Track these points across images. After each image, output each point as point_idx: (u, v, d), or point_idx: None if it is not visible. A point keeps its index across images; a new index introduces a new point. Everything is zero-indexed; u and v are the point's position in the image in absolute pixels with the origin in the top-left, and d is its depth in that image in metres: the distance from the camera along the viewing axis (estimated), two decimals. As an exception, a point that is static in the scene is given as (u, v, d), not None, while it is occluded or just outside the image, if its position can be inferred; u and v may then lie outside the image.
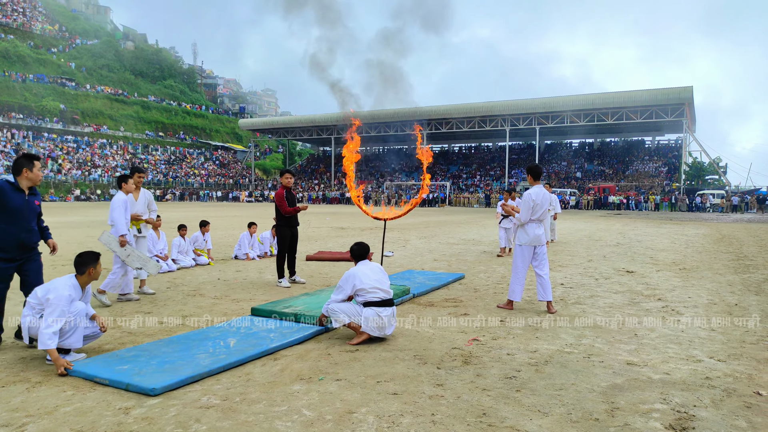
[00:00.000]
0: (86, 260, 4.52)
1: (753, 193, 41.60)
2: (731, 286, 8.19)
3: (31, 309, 4.32)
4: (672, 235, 17.61)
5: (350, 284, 4.93)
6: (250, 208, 39.26)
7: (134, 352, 4.43)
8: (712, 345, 5.01)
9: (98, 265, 4.58)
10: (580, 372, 4.24)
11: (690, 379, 4.09)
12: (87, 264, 4.50)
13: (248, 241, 10.87)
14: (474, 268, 9.89)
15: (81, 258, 4.53)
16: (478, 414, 3.44)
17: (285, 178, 8.04)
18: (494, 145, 66.20)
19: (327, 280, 8.52)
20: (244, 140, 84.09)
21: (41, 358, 4.41)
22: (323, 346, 4.91)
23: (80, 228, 18.47)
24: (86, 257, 4.53)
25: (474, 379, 4.07)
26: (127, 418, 3.31)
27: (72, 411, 3.40)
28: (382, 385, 3.91)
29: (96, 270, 4.56)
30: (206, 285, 7.99)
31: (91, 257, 4.54)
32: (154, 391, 3.63)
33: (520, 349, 4.84)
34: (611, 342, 5.09)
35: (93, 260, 4.54)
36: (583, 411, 3.49)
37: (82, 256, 4.54)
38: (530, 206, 6.40)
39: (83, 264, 4.50)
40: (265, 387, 3.86)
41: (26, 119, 59.62)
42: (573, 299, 7.09)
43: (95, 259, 4.55)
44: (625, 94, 47.20)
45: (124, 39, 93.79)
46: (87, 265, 4.50)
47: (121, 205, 6.53)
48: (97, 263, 4.57)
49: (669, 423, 3.31)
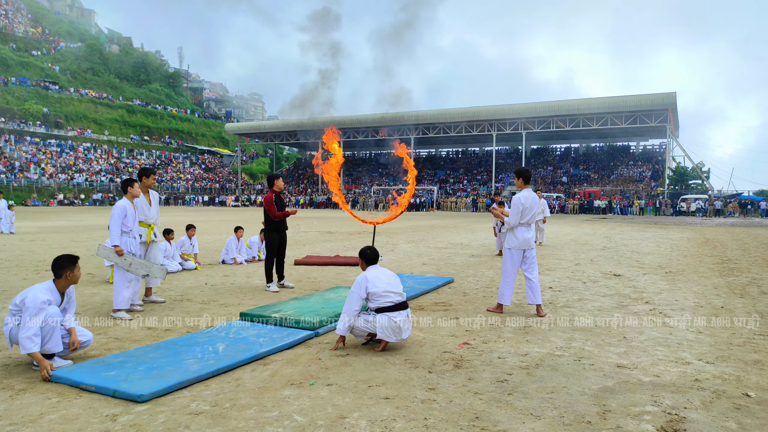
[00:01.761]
0: (63, 263, 4.42)
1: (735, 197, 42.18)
2: (717, 289, 8.27)
3: (12, 316, 4.24)
4: (657, 239, 17.78)
5: (362, 288, 4.86)
6: (236, 213, 39.00)
7: (121, 358, 4.35)
8: (700, 347, 5.05)
9: (76, 269, 4.48)
10: (571, 375, 4.24)
11: (680, 381, 4.11)
12: (64, 267, 4.41)
13: (236, 245, 10.78)
14: (463, 272, 9.90)
15: (58, 261, 4.44)
16: (470, 418, 3.42)
17: (278, 182, 7.97)
18: (481, 149, 66.48)
19: (316, 285, 8.47)
20: (230, 144, 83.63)
21: (25, 365, 4.33)
22: (313, 350, 4.87)
23: (64, 233, 18.21)
24: (63, 260, 4.44)
25: (466, 382, 4.06)
26: (114, 425, 3.25)
27: (58, 418, 3.33)
28: (374, 390, 3.89)
29: (74, 274, 4.46)
30: (193, 290, 7.90)
31: (68, 260, 4.45)
32: (142, 397, 3.57)
33: (511, 353, 4.84)
34: (601, 345, 5.11)
35: (70, 263, 4.45)
36: (575, 414, 3.49)
37: (59, 260, 4.45)
38: (519, 210, 6.41)
39: (60, 267, 4.41)
40: (256, 393, 3.81)
41: (8, 123, 58.75)
42: (562, 302, 7.11)
43: (73, 262, 4.46)
44: (610, 100, 47.67)
45: (108, 42, 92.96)
46: (64, 268, 4.41)
47: (119, 213, 6.21)
48: (75, 266, 4.47)
49: (660, 425, 3.32)
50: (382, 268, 5.17)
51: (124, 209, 6.33)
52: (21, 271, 9.31)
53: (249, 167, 79.15)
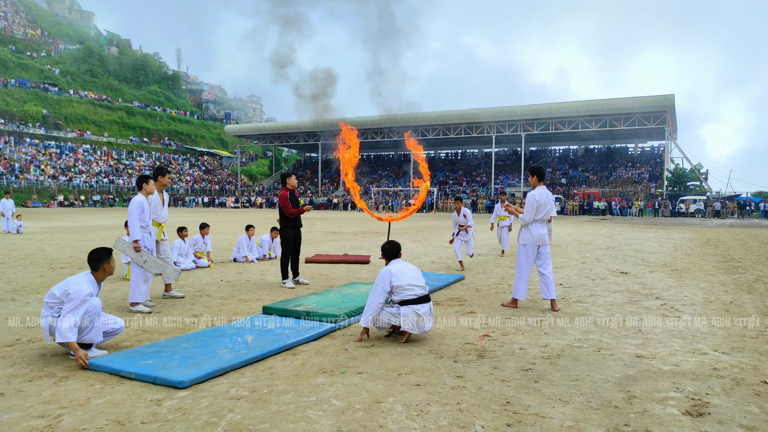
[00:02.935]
0: (100, 256, 4.55)
1: (733, 198, 42.42)
2: (724, 285, 8.41)
3: (49, 309, 4.34)
4: (659, 239, 17.94)
5: (387, 281, 4.97)
6: (237, 214, 39.07)
7: (155, 348, 4.47)
8: (714, 339, 5.18)
9: (111, 260, 4.62)
10: (592, 364, 4.37)
11: (698, 370, 4.25)
12: (101, 260, 4.54)
13: (247, 243, 10.90)
14: (472, 270, 10.03)
15: (95, 255, 4.56)
16: (501, 403, 3.55)
17: (290, 180, 8.08)
18: (480, 151, 66.69)
19: (329, 281, 8.59)
20: (229, 146, 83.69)
21: (61, 354, 4.44)
22: (338, 342, 4.99)
23: (70, 233, 18.29)
24: (100, 253, 4.57)
25: (492, 371, 4.18)
26: (160, 409, 3.37)
27: (104, 403, 3.44)
28: (404, 378, 4.01)
29: (110, 265, 4.60)
30: (211, 286, 8.02)
31: (104, 253, 4.58)
32: (183, 383, 3.69)
33: (531, 344, 4.96)
34: (618, 337, 5.24)
35: (106, 256, 4.58)
36: (602, 399, 3.62)
37: (96, 253, 4.57)
38: (534, 206, 6.54)
39: (97, 260, 4.54)
40: (290, 380, 3.93)
41: (8, 124, 58.73)
42: (574, 298, 7.25)
43: (108, 255, 4.59)
44: (609, 102, 47.92)
45: (107, 44, 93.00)
46: (101, 261, 4.54)
47: (137, 208, 6.32)
48: (111, 258, 4.60)
49: (685, 409, 3.45)
50: (405, 262, 5.30)
51: (141, 204, 6.45)
52: (36, 269, 9.41)
53: (248, 169, 79.21)
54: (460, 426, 3.18)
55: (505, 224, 13.01)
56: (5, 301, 6.63)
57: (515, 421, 3.25)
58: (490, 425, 3.20)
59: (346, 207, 53.63)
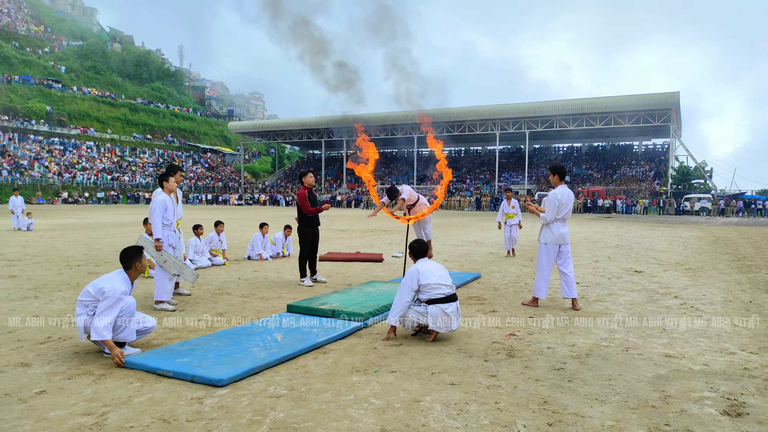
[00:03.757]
0: (132, 255, 4.59)
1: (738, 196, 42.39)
2: (740, 284, 8.42)
3: (84, 307, 4.37)
4: (667, 237, 17.94)
5: (414, 280, 5.00)
6: (241, 211, 39.12)
7: (187, 346, 4.50)
8: (740, 339, 5.20)
9: (143, 258, 4.66)
10: (623, 364, 4.39)
11: (729, 369, 4.27)
12: (133, 258, 4.58)
13: (261, 241, 10.92)
14: (486, 268, 10.05)
15: (126, 253, 4.60)
16: (539, 402, 3.57)
17: (307, 178, 8.10)
18: (483, 148, 66.67)
19: (346, 279, 8.62)
20: (232, 143, 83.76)
21: (95, 352, 4.47)
22: (366, 341, 5.02)
23: (80, 230, 18.33)
24: (131, 252, 4.61)
25: (524, 370, 4.20)
26: (202, 407, 3.40)
27: (146, 401, 3.47)
28: (438, 377, 4.03)
29: (142, 263, 4.64)
30: (229, 284, 8.05)
31: (135, 251, 4.62)
32: (221, 381, 3.71)
33: (558, 343, 4.99)
34: (643, 336, 5.26)
35: (138, 254, 4.61)
36: (638, 399, 3.64)
37: (128, 252, 4.61)
38: (556, 205, 6.56)
39: (129, 259, 4.57)
40: (326, 378, 3.96)
41: (12, 121, 58.83)
42: (593, 297, 7.27)
43: (140, 253, 4.63)
44: (614, 99, 47.86)
45: (110, 41, 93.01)
46: (133, 259, 4.57)
47: (160, 206, 6.35)
48: (142, 256, 4.64)
49: (723, 409, 3.47)
50: (432, 261, 5.33)
51: (164, 203, 6.48)
52: (53, 266, 9.44)
53: (251, 166, 79.28)
54: (501, 425, 3.21)
55: (514, 222, 12.50)
56: (29, 299, 6.67)
57: (556, 421, 3.27)
58: (531, 425, 3.22)
59: (350, 204, 53.64)
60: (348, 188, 59.60)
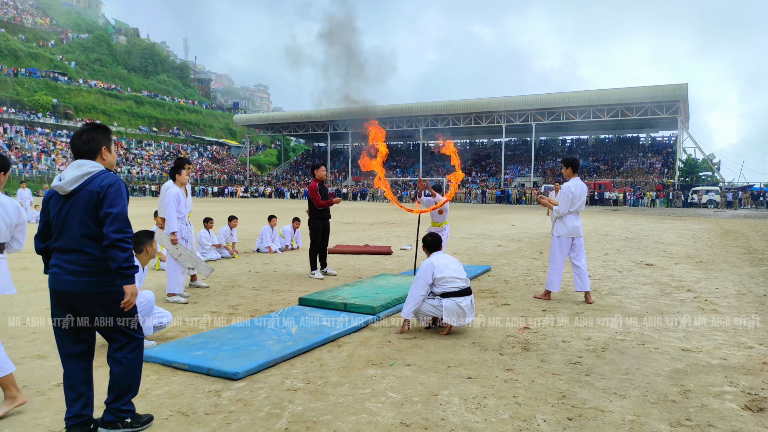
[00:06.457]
0: (142, 239, 4.54)
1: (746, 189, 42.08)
2: (753, 278, 8.36)
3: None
4: (676, 230, 17.84)
5: (429, 273, 4.98)
6: (248, 204, 39.15)
7: (202, 339, 4.49)
8: (756, 333, 5.16)
9: (154, 242, 4.61)
10: (639, 358, 4.36)
11: (748, 364, 4.23)
12: (143, 242, 4.52)
13: (270, 234, 10.92)
14: (496, 261, 10.01)
15: (137, 237, 4.54)
16: (557, 396, 3.54)
17: (319, 171, 8.07)
18: (489, 141, 66.41)
19: (356, 272, 8.61)
20: (237, 136, 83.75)
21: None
22: (380, 334, 5.00)
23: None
24: (141, 236, 4.56)
25: (540, 364, 4.18)
26: (220, 400, 3.39)
27: (164, 393, 3.47)
28: (454, 370, 4.01)
29: (152, 248, 4.59)
30: (240, 277, 8.05)
31: (146, 235, 4.58)
32: (237, 375, 3.71)
33: (573, 337, 4.96)
34: (659, 330, 5.22)
35: (148, 238, 4.57)
36: (658, 393, 3.61)
37: (138, 235, 4.55)
38: (569, 198, 6.51)
39: (140, 243, 4.52)
40: (341, 371, 3.94)
41: (18, 114, 59.00)
42: (606, 290, 7.23)
43: (150, 237, 4.59)
44: (621, 91, 47.50)
45: (116, 33, 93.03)
46: (143, 243, 4.52)
47: (174, 199, 6.33)
48: (153, 240, 4.60)
49: (744, 404, 3.44)
50: (446, 255, 5.30)
51: (178, 195, 6.47)
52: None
53: (257, 158, 79.32)
54: (521, 419, 3.19)
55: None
56: (42, 291, 6.67)
57: (576, 415, 3.25)
58: (551, 419, 3.20)
59: (356, 197, 53.60)
60: (354, 180, 59.54)
